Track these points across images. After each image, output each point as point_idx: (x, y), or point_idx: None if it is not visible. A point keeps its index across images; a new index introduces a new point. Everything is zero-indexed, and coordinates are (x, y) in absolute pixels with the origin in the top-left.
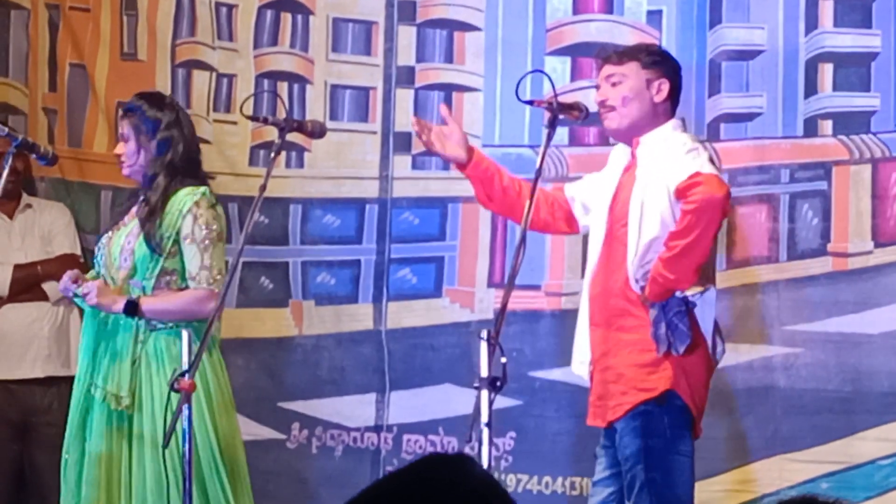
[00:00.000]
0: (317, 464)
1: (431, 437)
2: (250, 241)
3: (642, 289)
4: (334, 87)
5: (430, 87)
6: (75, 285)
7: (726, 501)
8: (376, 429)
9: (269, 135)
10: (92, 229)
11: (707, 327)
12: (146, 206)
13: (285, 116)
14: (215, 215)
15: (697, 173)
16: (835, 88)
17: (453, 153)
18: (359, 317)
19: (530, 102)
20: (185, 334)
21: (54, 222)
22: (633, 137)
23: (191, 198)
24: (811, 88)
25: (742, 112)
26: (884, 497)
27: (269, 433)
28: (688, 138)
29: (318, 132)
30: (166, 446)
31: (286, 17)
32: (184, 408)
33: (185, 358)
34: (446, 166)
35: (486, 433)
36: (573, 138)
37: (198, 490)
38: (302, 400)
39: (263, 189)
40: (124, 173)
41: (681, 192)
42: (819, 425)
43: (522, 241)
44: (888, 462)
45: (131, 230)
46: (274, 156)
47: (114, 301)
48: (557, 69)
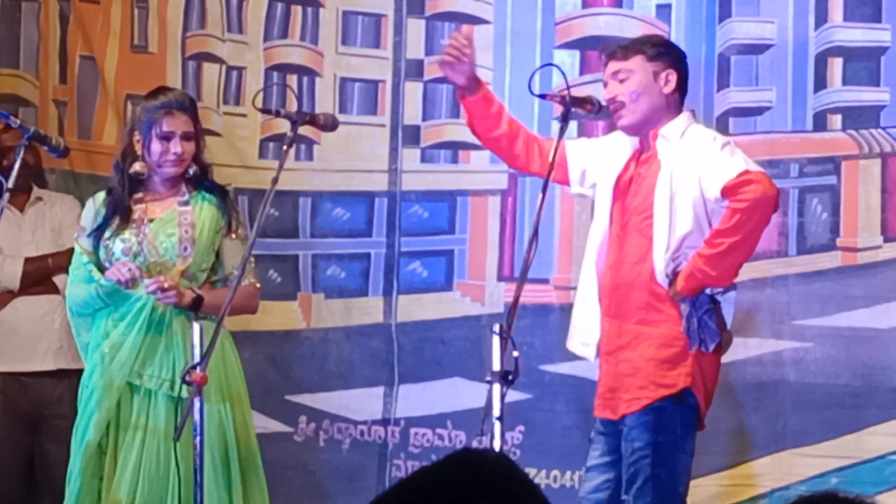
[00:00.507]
0: (324, 457)
1: (439, 431)
2: (260, 234)
3: (670, 283)
4: (343, 80)
5: (439, 80)
6: (139, 271)
7: (736, 496)
8: (384, 422)
9: (279, 127)
10: None
11: (727, 327)
12: (222, 198)
13: (297, 109)
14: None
15: (747, 171)
16: (844, 83)
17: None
18: (369, 310)
19: (543, 96)
20: (196, 327)
21: (65, 215)
22: (647, 131)
23: (231, 193)
24: (821, 83)
25: (751, 106)
26: (894, 492)
27: (276, 426)
28: (715, 133)
29: (331, 125)
30: (178, 439)
31: (296, 10)
32: (195, 400)
33: (196, 351)
34: (455, 160)
35: (497, 427)
36: (582, 132)
37: (212, 482)
38: (309, 393)
39: (275, 182)
40: (179, 170)
41: (730, 190)
42: (829, 420)
43: (535, 236)
44: None
45: (178, 221)
46: (286, 149)
47: (183, 296)
48: (566, 63)
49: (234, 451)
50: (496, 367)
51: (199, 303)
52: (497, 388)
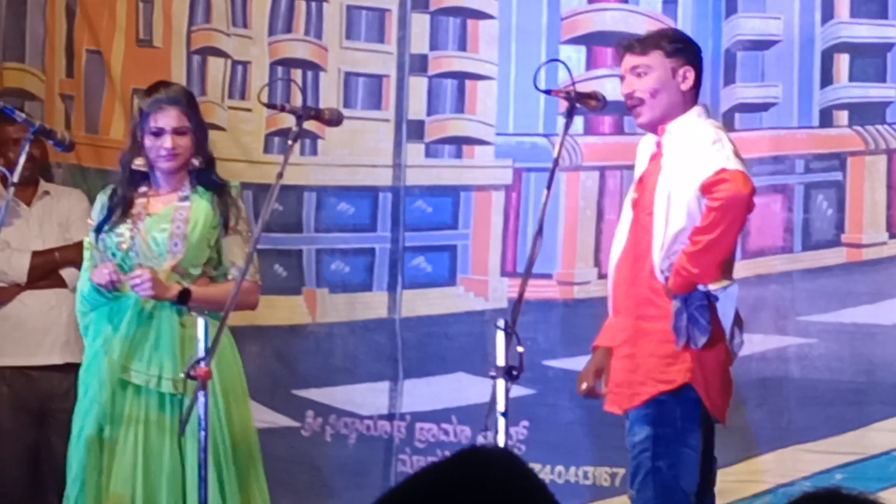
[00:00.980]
0: (330, 451)
1: (444, 426)
2: (265, 229)
3: (667, 279)
4: (348, 75)
5: (443, 75)
6: (116, 275)
7: (740, 492)
8: (389, 417)
9: (284, 122)
10: None
11: (727, 322)
12: (218, 194)
13: (302, 104)
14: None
15: (723, 169)
16: (850, 79)
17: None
18: (373, 305)
19: (548, 92)
20: (200, 322)
21: (72, 209)
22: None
23: (234, 189)
24: (827, 79)
25: (757, 102)
26: None
27: (283, 420)
28: (712, 128)
29: (336, 120)
30: (182, 434)
31: (300, 5)
32: (199, 395)
33: (200, 345)
34: (459, 154)
35: (501, 422)
36: (588, 127)
37: (213, 478)
38: (315, 388)
39: (280, 177)
40: (173, 166)
41: (706, 188)
42: (833, 416)
43: (539, 232)
44: None
45: (173, 216)
46: (291, 143)
47: (166, 289)
48: (572, 58)
49: (228, 446)
50: (500, 362)
51: (186, 297)
52: (501, 383)
